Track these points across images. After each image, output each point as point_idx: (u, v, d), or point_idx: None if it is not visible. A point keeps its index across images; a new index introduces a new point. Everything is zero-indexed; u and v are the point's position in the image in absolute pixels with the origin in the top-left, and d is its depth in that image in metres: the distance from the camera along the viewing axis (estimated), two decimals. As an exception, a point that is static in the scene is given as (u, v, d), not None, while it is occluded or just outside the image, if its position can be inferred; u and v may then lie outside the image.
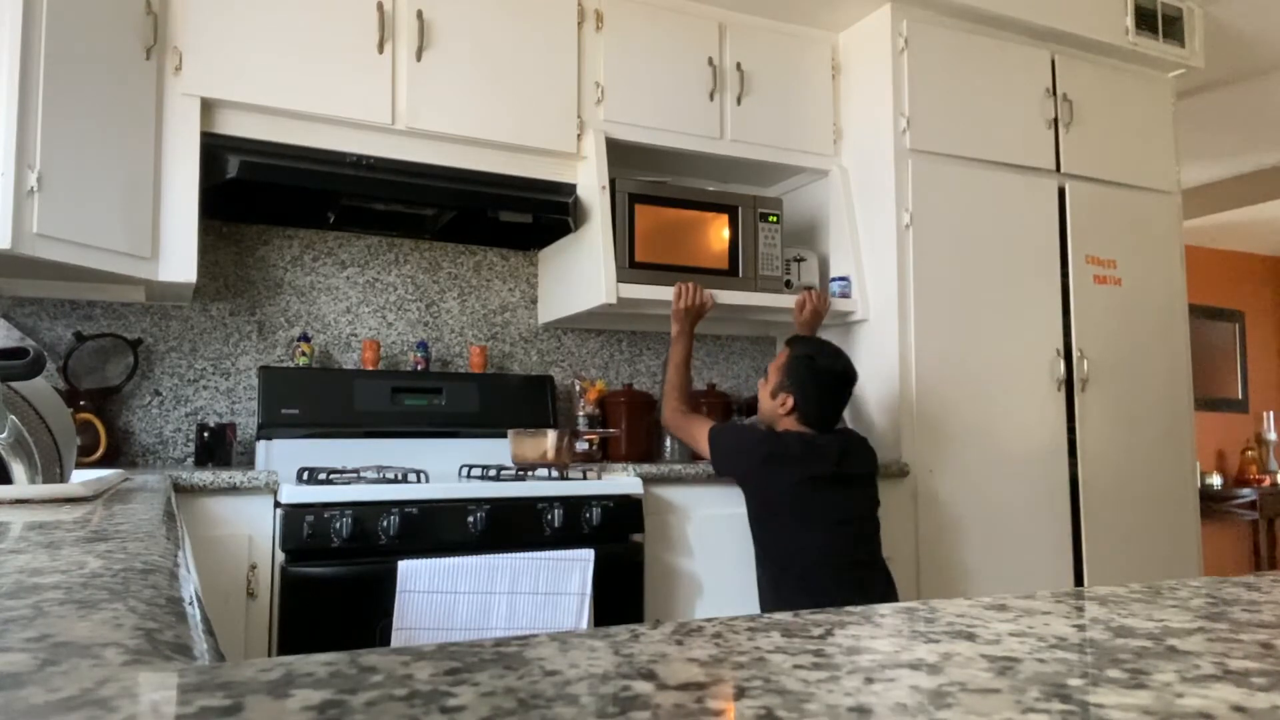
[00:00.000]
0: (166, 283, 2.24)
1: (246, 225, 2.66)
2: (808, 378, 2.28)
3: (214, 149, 2.27)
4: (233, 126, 2.30)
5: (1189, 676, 0.34)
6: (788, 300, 2.78)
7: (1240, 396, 6.16)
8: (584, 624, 2.06)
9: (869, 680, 0.33)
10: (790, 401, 2.29)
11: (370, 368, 2.65)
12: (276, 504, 1.99)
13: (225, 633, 1.91)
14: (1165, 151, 3.30)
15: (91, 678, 0.31)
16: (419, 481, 2.09)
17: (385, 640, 1.94)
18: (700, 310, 2.54)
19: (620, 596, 2.20)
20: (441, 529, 2.05)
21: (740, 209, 2.78)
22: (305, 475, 2.09)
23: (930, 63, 2.86)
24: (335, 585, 1.94)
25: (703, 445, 2.34)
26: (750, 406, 3.09)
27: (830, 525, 2.17)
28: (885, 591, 2.20)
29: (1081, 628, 0.43)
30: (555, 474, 2.32)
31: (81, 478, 1.44)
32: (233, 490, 1.97)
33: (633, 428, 2.84)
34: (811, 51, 3.00)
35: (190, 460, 2.52)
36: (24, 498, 1.05)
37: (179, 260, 2.22)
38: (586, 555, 2.08)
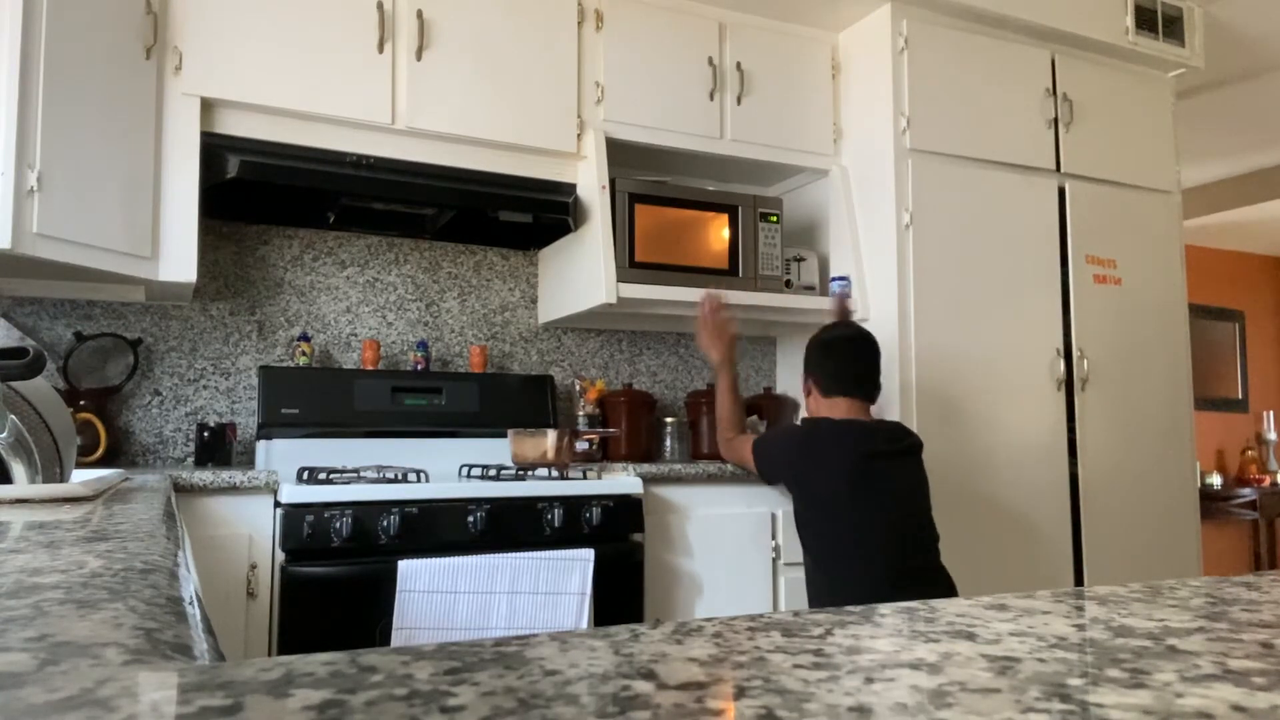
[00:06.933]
0: (166, 282, 2.24)
1: (246, 225, 2.66)
2: (819, 353, 2.29)
3: (214, 149, 2.27)
4: (233, 126, 2.30)
5: (1189, 676, 0.34)
6: (788, 300, 2.78)
7: (1240, 396, 6.16)
8: (584, 624, 2.05)
9: (869, 680, 0.33)
10: (812, 382, 2.28)
11: (370, 367, 2.64)
12: (276, 504, 1.99)
13: (225, 633, 1.91)
14: (1165, 151, 3.30)
15: (91, 677, 0.31)
16: (419, 481, 2.09)
17: (385, 640, 1.94)
18: (722, 328, 2.46)
19: (620, 596, 2.20)
20: (441, 529, 2.05)
21: (740, 209, 2.78)
22: (305, 475, 2.09)
23: (930, 63, 2.85)
24: (335, 585, 1.94)
25: (750, 462, 2.32)
26: (750, 406, 3.09)
27: (873, 521, 2.05)
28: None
29: (1081, 627, 0.43)
30: (555, 474, 2.32)
31: (81, 477, 1.44)
32: (233, 490, 1.97)
33: (633, 427, 2.84)
34: (811, 51, 3.00)
35: (190, 460, 2.52)
36: (24, 497, 1.05)
37: (179, 260, 2.22)
38: (586, 555, 2.08)
